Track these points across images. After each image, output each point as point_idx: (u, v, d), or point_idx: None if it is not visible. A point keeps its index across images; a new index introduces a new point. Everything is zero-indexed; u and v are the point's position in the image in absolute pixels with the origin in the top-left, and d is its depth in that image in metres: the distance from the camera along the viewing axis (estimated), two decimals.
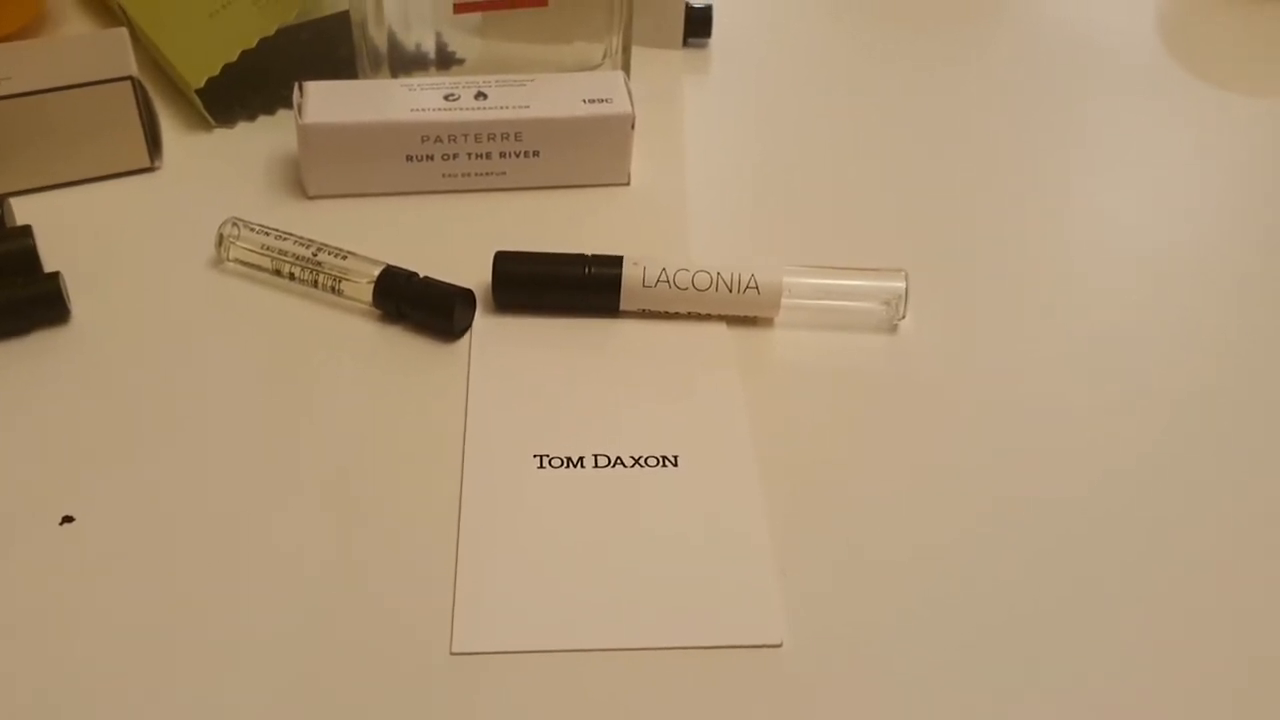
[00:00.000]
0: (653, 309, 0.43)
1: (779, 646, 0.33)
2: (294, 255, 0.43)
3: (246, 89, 0.53)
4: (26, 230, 0.42)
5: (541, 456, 0.38)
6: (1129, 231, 0.48)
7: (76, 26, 0.58)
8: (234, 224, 0.43)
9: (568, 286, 0.42)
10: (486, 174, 0.48)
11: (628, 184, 0.49)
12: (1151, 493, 0.38)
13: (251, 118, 0.52)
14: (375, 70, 0.51)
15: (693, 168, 0.51)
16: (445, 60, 0.51)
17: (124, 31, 0.49)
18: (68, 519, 0.35)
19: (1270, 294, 0.45)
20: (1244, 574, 0.35)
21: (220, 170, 0.49)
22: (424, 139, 0.46)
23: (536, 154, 0.47)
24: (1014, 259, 0.47)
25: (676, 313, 0.43)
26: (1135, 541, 0.36)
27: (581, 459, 0.38)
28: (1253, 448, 0.39)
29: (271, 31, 0.50)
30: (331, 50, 0.56)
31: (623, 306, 0.42)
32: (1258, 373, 0.42)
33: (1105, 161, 0.52)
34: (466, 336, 0.42)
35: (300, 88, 0.47)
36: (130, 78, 0.46)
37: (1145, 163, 0.52)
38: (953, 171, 0.51)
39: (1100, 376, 0.42)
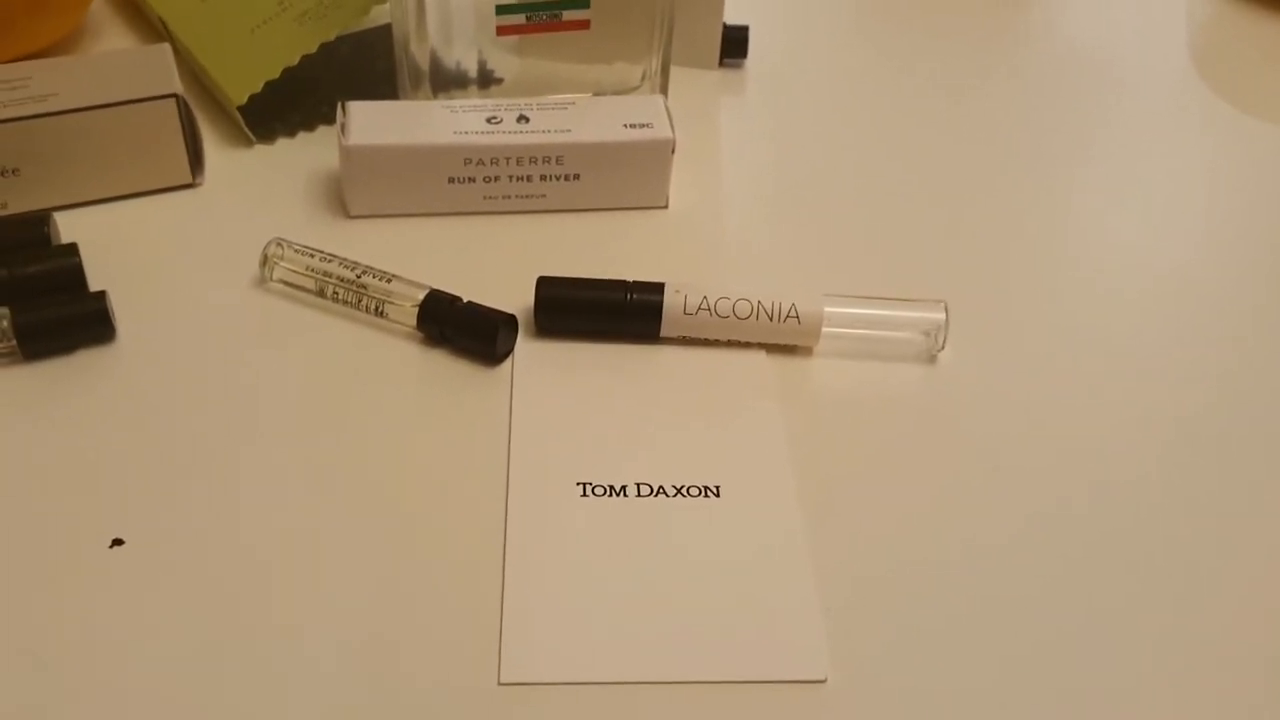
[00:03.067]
0: (693, 336, 0.43)
1: (823, 682, 0.33)
2: (338, 277, 0.43)
3: (286, 105, 0.53)
4: (72, 248, 0.43)
5: (585, 484, 0.38)
6: (1170, 261, 0.48)
7: (116, 39, 0.58)
8: (278, 244, 0.44)
9: (609, 312, 0.42)
10: (527, 196, 0.48)
11: (666, 207, 0.49)
12: (1193, 518, 0.38)
13: (292, 134, 0.52)
14: (416, 88, 0.51)
15: (729, 190, 0.51)
16: (485, 79, 0.52)
17: (168, 48, 0.49)
18: (118, 542, 0.35)
19: None
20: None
21: (262, 187, 0.49)
22: (466, 161, 0.46)
23: (577, 177, 0.48)
24: (1053, 287, 0.47)
25: (716, 340, 0.43)
26: (1180, 570, 0.36)
27: (624, 488, 0.38)
28: None
29: (314, 49, 0.50)
30: (370, 64, 0.56)
31: (663, 333, 0.43)
32: None
33: (1141, 188, 0.53)
34: (508, 361, 0.42)
35: (343, 107, 0.47)
36: (175, 95, 0.46)
37: (1181, 188, 0.53)
38: (990, 198, 0.51)
39: (1141, 407, 0.42)
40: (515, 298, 0.44)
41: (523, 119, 0.47)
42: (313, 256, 0.43)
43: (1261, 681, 0.34)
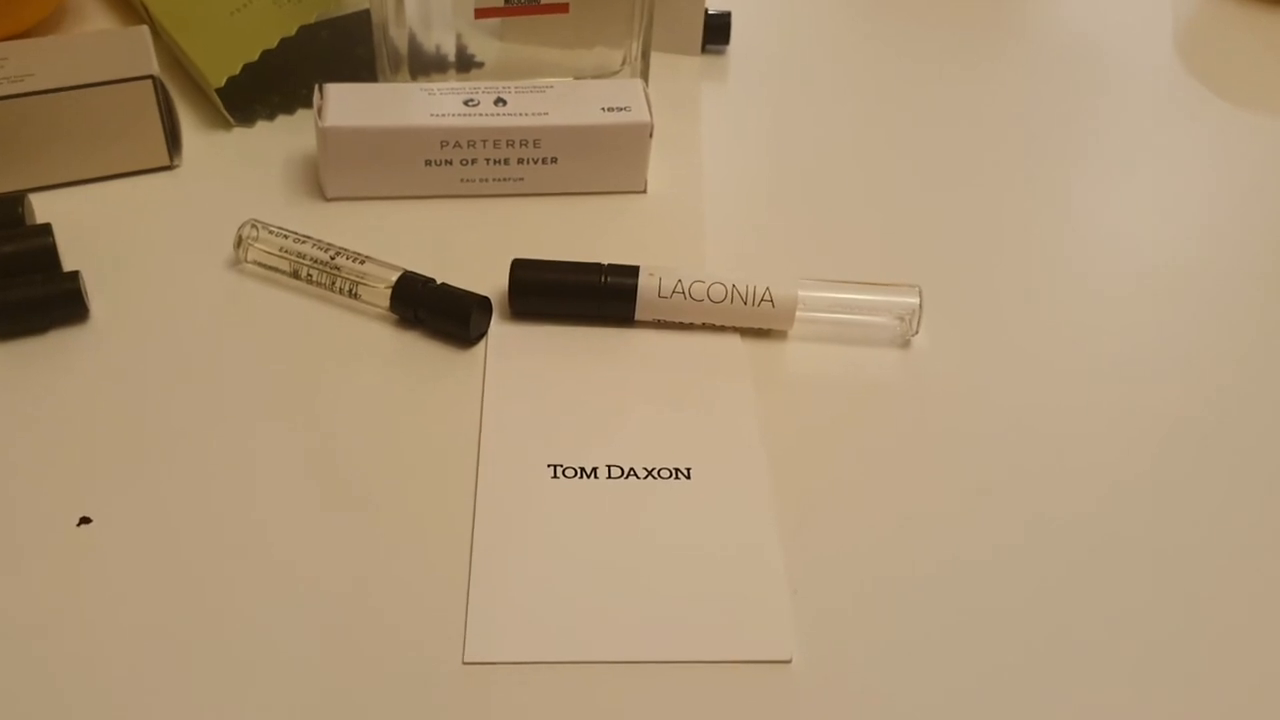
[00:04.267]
0: (667, 319, 0.43)
1: (788, 663, 0.33)
2: (312, 259, 0.43)
3: (265, 88, 0.53)
4: (46, 228, 0.43)
5: (555, 466, 0.38)
6: (1144, 247, 0.48)
7: (96, 21, 0.58)
8: (253, 226, 0.44)
9: (584, 295, 0.42)
10: (504, 179, 0.48)
11: (644, 192, 0.49)
12: (1167, 507, 0.38)
13: (270, 117, 0.52)
14: (395, 71, 0.51)
15: (709, 176, 0.51)
16: (465, 63, 0.51)
17: (145, 29, 0.49)
18: (85, 520, 0.35)
19: None
20: (1266, 589, 0.35)
21: (239, 170, 0.49)
22: (443, 144, 0.46)
23: (554, 161, 0.47)
24: (1028, 274, 0.47)
25: (691, 323, 0.43)
26: (1150, 557, 0.36)
27: (595, 469, 0.38)
28: (1272, 463, 0.39)
29: (293, 32, 0.50)
30: (350, 49, 0.56)
31: (638, 316, 0.43)
32: (1276, 388, 0.42)
33: (1122, 176, 0.53)
34: (482, 343, 0.42)
35: (320, 90, 0.47)
36: (152, 77, 0.46)
37: (1162, 178, 0.53)
38: (969, 185, 0.51)
39: (1114, 392, 0.42)
40: (491, 280, 0.44)
41: (500, 101, 0.47)
42: (287, 238, 0.43)
43: (1248, 689, 0.34)
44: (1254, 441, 0.40)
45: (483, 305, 0.42)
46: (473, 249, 0.46)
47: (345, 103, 0.47)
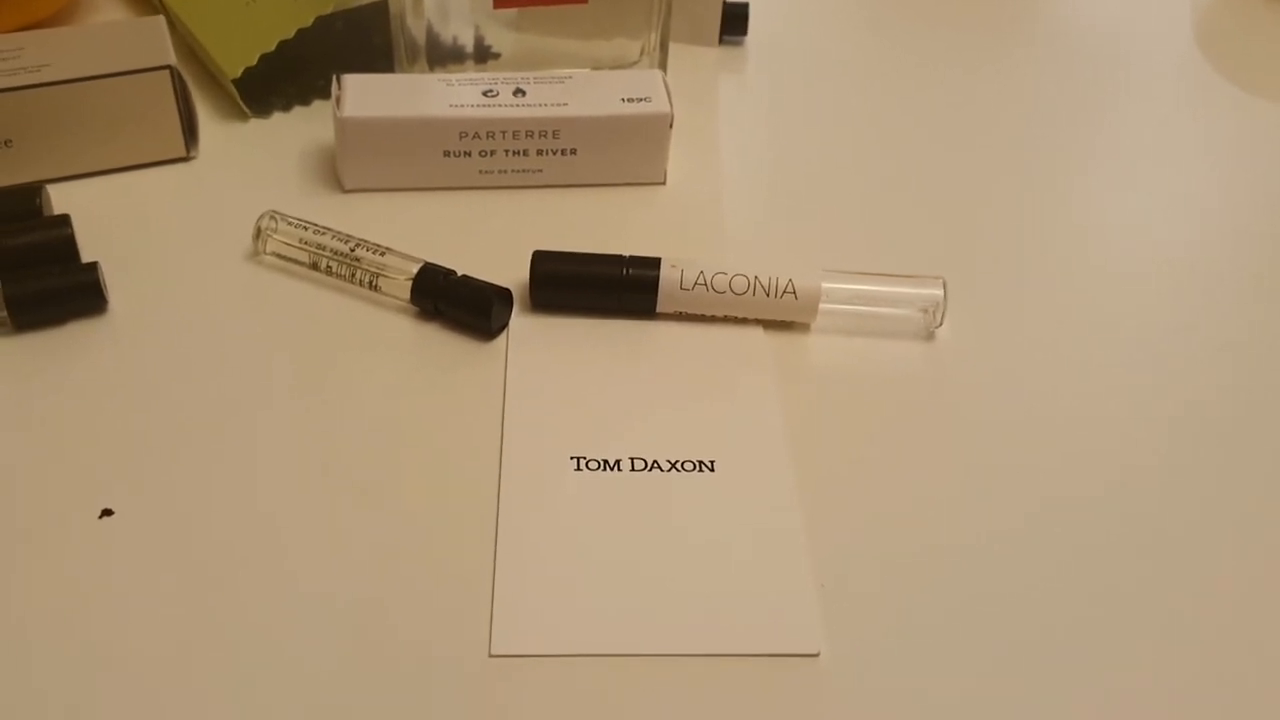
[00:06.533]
0: (689, 311, 0.43)
1: (816, 656, 0.33)
2: (332, 250, 0.42)
3: (282, 78, 0.53)
4: (65, 219, 0.42)
5: (579, 458, 0.38)
6: (1167, 238, 0.48)
7: (112, 12, 0.58)
8: (272, 217, 0.43)
9: (605, 287, 0.42)
10: (523, 171, 0.48)
11: (663, 183, 0.49)
12: (1189, 497, 0.37)
13: (287, 108, 0.52)
14: (412, 62, 0.51)
15: (728, 167, 0.51)
16: (482, 54, 0.51)
17: (162, 20, 0.49)
18: (107, 512, 0.35)
19: None
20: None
21: (256, 161, 0.49)
22: (462, 135, 0.46)
23: (574, 152, 0.47)
24: (1051, 266, 0.46)
25: (713, 316, 0.43)
26: (1175, 545, 0.36)
27: (619, 462, 0.38)
28: None
29: (309, 22, 0.50)
30: (366, 39, 0.56)
31: (659, 308, 0.42)
32: None
33: (1143, 168, 0.52)
34: (503, 335, 0.42)
35: (338, 80, 0.47)
36: (169, 67, 0.46)
37: (1183, 170, 0.52)
38: (990, 176, 0.51)
39: (1138, 383, 0.41)
40: (511, 272, 0.43)
41: (519, 92, 0.47)
42: (306, 229, 0.43)
43: (1263, 670, 0.33)
44: (1277, 423, 0.40)
45: (504, 297, 0.41)
46: (492, 241, 0.46)
47: (363, 93, 0.46)
